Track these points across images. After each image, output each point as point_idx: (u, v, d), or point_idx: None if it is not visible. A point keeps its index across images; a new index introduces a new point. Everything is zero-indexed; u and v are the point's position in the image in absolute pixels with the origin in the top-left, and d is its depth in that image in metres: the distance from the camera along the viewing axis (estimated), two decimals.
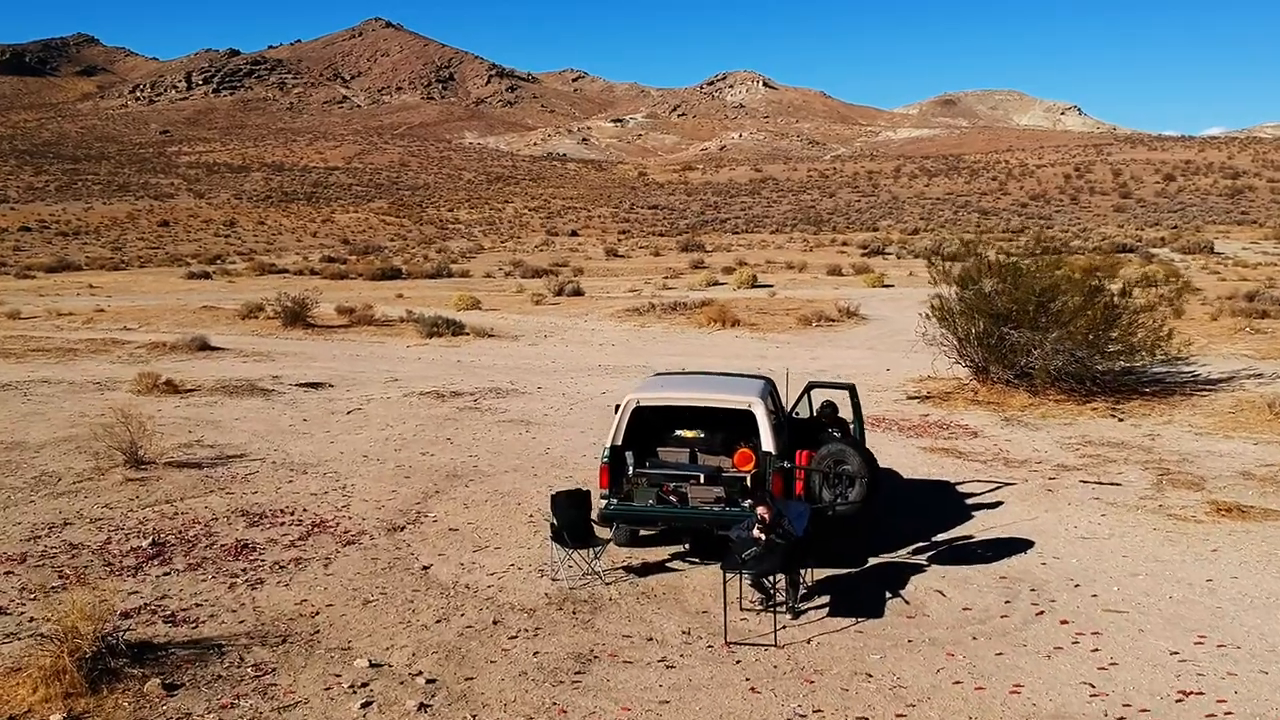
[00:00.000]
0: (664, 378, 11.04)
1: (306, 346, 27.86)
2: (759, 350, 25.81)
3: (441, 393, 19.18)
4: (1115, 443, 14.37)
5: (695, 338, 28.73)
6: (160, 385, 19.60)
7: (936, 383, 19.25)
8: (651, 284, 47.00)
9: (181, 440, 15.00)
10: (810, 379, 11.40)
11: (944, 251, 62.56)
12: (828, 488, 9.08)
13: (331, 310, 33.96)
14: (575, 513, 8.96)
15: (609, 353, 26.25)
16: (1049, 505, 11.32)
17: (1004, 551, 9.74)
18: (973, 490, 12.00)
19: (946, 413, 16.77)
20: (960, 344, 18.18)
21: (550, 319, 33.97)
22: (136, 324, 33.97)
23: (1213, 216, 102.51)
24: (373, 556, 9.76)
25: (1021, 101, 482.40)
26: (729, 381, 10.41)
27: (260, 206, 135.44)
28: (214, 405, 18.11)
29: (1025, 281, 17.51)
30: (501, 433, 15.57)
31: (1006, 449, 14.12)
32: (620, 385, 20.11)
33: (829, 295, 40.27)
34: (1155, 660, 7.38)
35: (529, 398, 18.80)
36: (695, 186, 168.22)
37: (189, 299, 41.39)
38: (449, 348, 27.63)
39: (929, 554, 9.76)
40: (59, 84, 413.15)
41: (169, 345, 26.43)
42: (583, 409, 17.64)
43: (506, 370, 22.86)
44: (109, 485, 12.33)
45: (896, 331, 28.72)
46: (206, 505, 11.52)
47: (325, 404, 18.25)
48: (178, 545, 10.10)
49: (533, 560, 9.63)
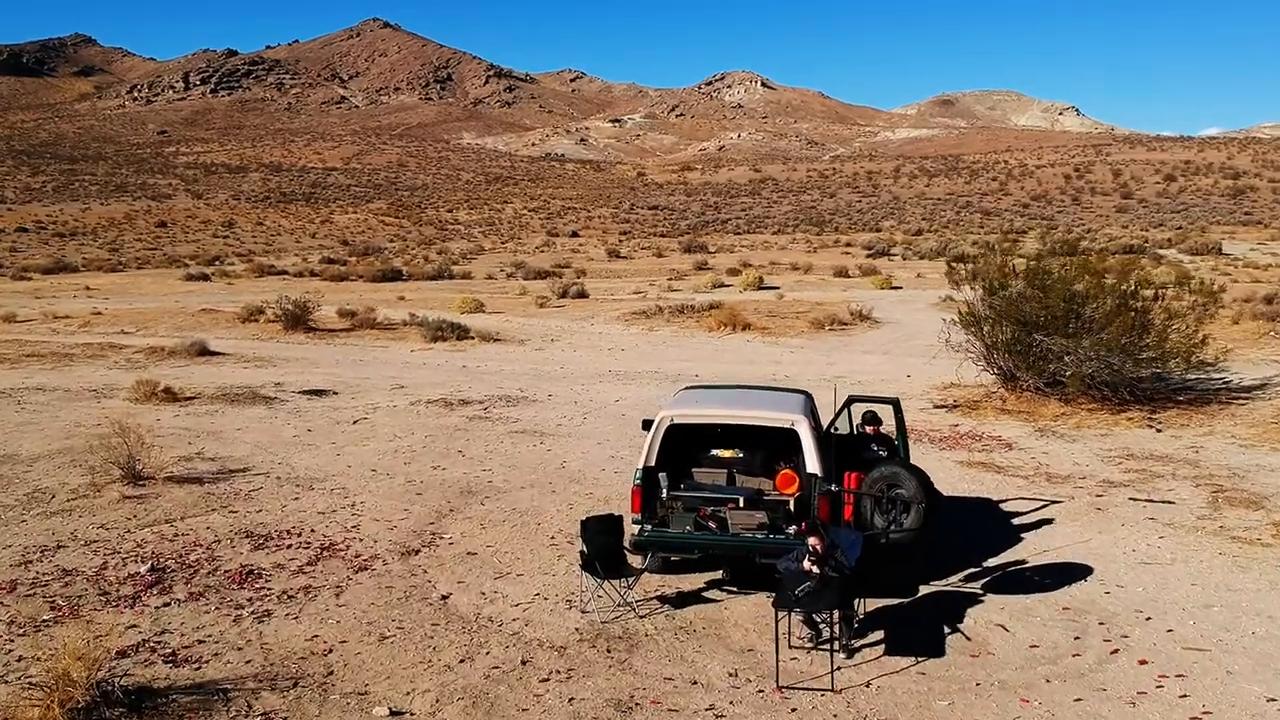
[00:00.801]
0: (696, 392, 10.36)
1: (308, 351, 27.22)
2: (772, 355, 25.17)
3: (450, 401, 18.54)
4: (1159, 456, 13.74)
5: (705, 342, 28.10)
6: (159, 393, 18.95)
7: (962, 390, 18.62)
8: (656, 286, 46.38)
9: (181, 453, 14.35)
10: (850, 393, 10.77)
11: (950, 253, 62.04)
12: (879, 513, 8.44)
13: (333, 313, 33.32)
14: (607, 540, 8.33)
15: (618, 358, 25.61)
16: (1101, 525, 10.69)
17: (1063, 579, 9.11)
18: (1018, 509, 11.37)
19: (976, 423, 16.14)
20: (988, 351, 17.54)
21: (556, 322, 33.34)
22: (134, 327, 33.32)
23: (1216, 217, 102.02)
24: (387, 585, 9.11)
25: (1019, 102, 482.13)
26: (767, 397, 9.77)
27: (259, 207, 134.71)
28: (215, 414, 17.46)
29: (1057, 286, 16.87)
30: (514, 444, 14.93)
31: (1046, 463, 13.48)
32: (633, 392, 19.50)
33: (837, 297, 39.64)
34: (1254, 710, 6.75)
35: (540, 406, 18.16)
36: (695, 187, 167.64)
37: (187, 301, 40.73)
38: (454, 352, 27.00)
39: (983, 581, 9.13)
40: (56, 84, 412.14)
41: (168, 350, 25.78)
42: (597, 418, 17.00)
43: (515, 376, 22.22)
44: (105, 503, 11.69)
45: (911, 335, 28.10)
46: (208, 525, 10.87)
47: (330, 413, 17.61)
48: (178, 571, 9.46)
49: (559, 589, 8.99)
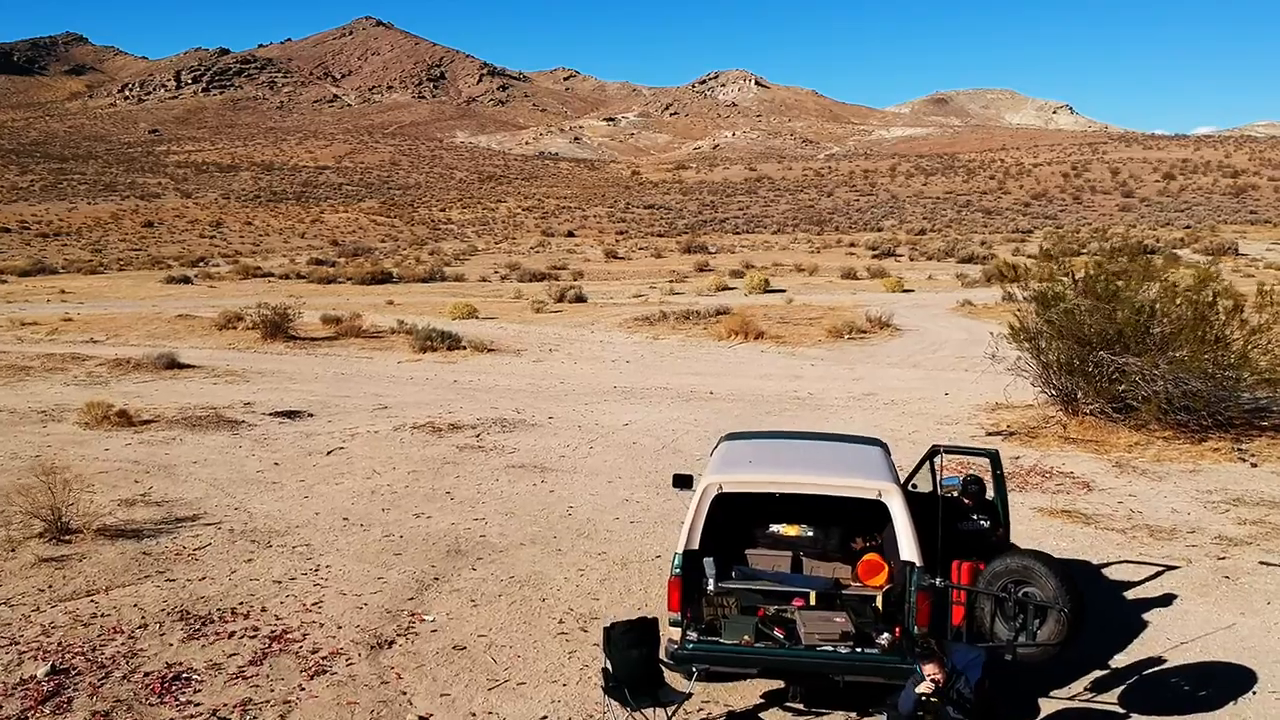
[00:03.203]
0: (746, 445, 8.06)
1: (286, 363, 25.13)
2: (790, 368, 23.13)
3: (438, 425, 16.47)
4: (1271, 501, 11.71)
5: (716, 353, 26.04)
6: (112, 416, 16.87)
7: (1012, 413, 16.61)
8: (657, 289, 44.32)
9: (123, 494, 12.29)
10: (936, 443, 8.70)
11: (959, 253, 60.09)
12: (1003, 619, 6.39)
13: (316, 320, 31.23)
14: (638, 654, 6.27)
15: (623, 371, 23.56)
16: (1241, 603, 8.66)
17: (1222, 688, 7.09)
18: (1127, 576, 9.34)
19: (1041, 454, 14.09)
20: (1044, 369, 15.53)
21: (554, 329, 31.27)
22: (104, 335, 31.24)
23: (1222, 216, 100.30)
24: (349, 698, 7.06)
25: (1013, 100, 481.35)
26: (839, 453, 7.64)
27: (248, 206, 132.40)
28: (171, 443, 15.38)
29: (1126, 297, 14.86)
30: (511, 483, 12.87)
31: (1139, 510, 11.45)
32: (643, 414, 17.44)
33: (847, 301, 37.67)
34: None
35: (540, 432, 16.10)
36: (690, 185, 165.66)
37: (165, 306, 38.61)
38: (445, 364, 24.93)
39: (1119, 690, 7.10)
40: (47, 83, 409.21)
41: (133, 363, 23.69)
42: (604, 448, 14.95)
43: (510, 393, 20.16)
44: (17, 568, 9.63)
45: (937, 345, 26.10)
46: (136, 602, 8.81)
47: (302, 440, 15.54)
48: (86, 673, 7.41)
49: (572, 706, 6.93)
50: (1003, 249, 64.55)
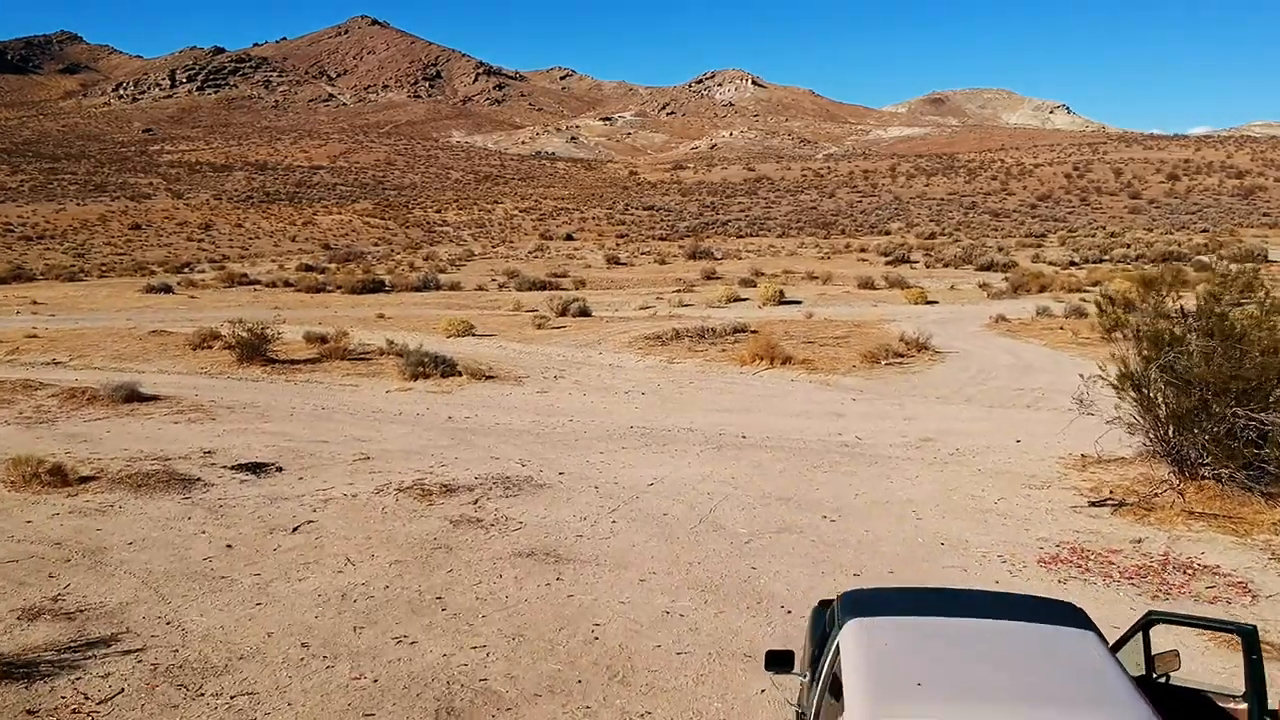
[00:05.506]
0: (893, 631, 5.07)
1: (261, 393, 22.52)
2: (829, 404, 20.52)
3: (428, 487, 13.85)
4: None
5: (740, 382, 23.44)
6: (43, 475, 14.18)
7: (1108, 471, 14.03)
8: (665, 300, 41.74)
9: (29, 599, 9.69)
10: (1151, 610, 6.11)
11: (978, 261, 57.54)
12: None
13: (299, 338, 28.66)
14: None
15: (638, 404, 20.97)
16: None
17: None
18: None
19: (1166, 535, 11.44)
20: (1158, 425, 12.94)
21: (557, 350, 28.68)
22: (69, 355, 28.71)
23: (1235, 218, 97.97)
24: None
25: (1010, 100, 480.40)
26: (1040, 655, 4.92)
27: (240, 207, 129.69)
28: (107, 512, 12.76)
29: (1255, 338, 12.30)
30: (519, 584, 10.25)
31: None
32: (670, 468, 14.80)
33: (871, 315, 35.14)
34: None
35: (549, 496, 13.48)
36: (689, 186, 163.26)
37: (140, 319, 36.03)
38: (438, 394, 22.35)
39: None
40: (41, 82, 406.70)
41: (89, 394, 21.07)
42: (628, 521, 12.32)
43: (513, 436, 17.55)
44: None
45: (985, 372, 23.51)
46: None
47: (264, 508, 12.93)
48: None
49: None
50: (1020, 255, 62.07)
